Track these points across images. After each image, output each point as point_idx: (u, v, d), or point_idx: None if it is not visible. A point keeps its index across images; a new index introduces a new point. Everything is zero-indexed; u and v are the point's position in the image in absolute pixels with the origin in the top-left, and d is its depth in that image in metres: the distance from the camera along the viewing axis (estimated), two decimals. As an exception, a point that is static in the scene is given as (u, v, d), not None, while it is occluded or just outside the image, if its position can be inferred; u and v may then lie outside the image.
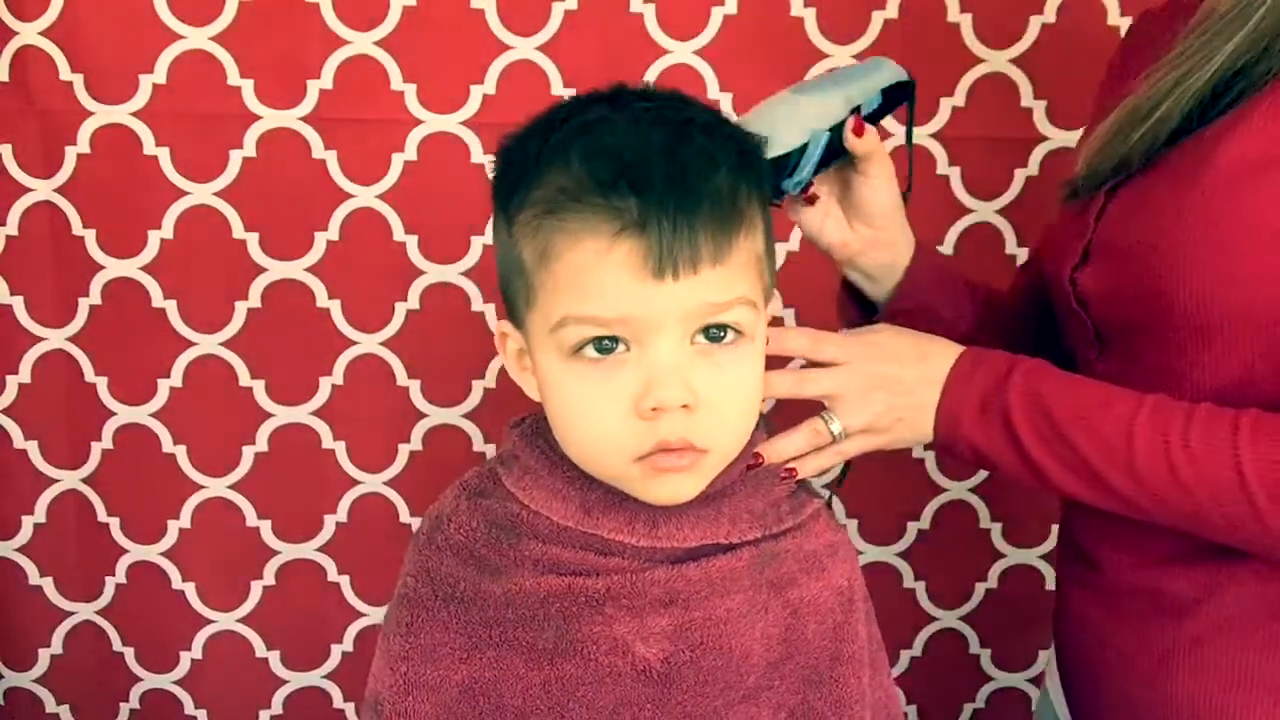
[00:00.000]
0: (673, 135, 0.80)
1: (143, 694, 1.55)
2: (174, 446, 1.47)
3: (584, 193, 0.77)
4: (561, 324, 0.79)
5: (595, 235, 0.77)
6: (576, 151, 0.79)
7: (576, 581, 0.85)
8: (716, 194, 0.79)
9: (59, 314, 1.43)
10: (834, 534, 0.94)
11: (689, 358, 0.80)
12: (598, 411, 0.81)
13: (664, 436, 0.80)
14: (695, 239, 0.77)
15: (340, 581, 1.52)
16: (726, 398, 0.82)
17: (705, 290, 0.78)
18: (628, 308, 0.77)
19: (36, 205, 1.40)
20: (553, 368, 0.82)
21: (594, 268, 0.77)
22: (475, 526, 0.88)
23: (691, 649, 0.86)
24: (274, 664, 1.55)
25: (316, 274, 1.42)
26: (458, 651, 0.86)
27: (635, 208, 0.76)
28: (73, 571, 1.51)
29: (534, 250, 0.80)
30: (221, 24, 1.35)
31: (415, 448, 1.47)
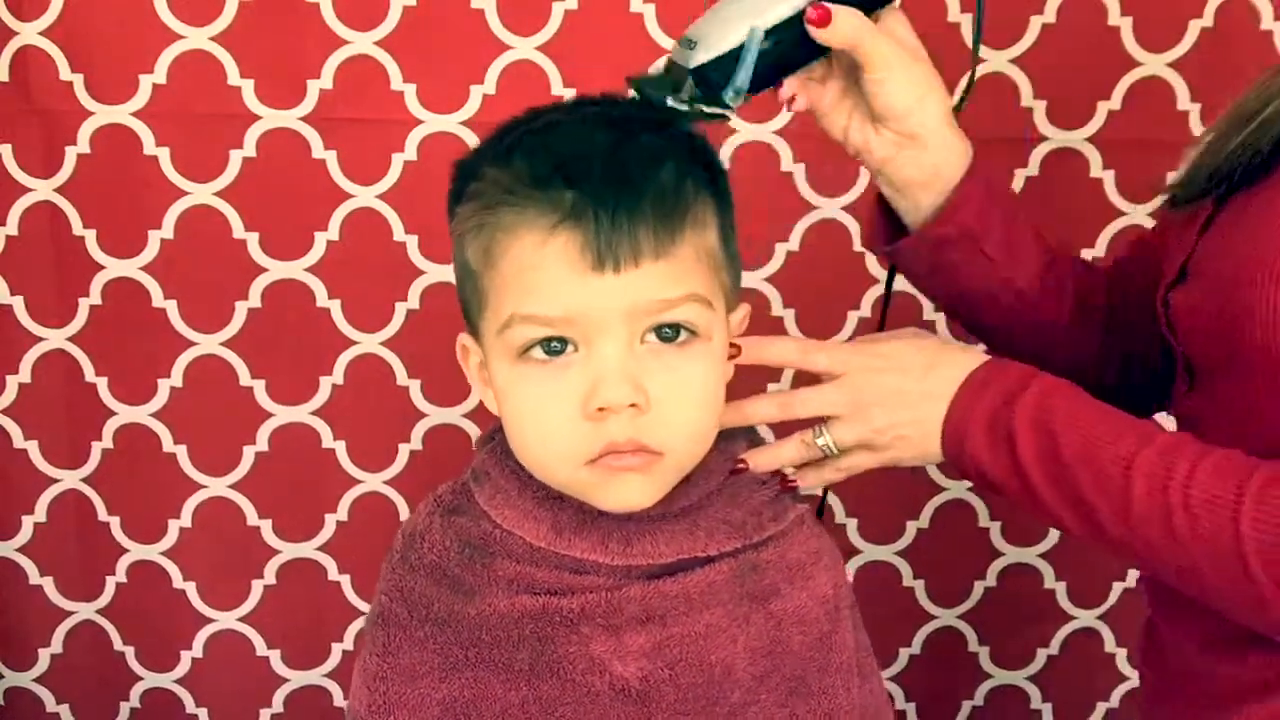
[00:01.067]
0: (617, 134, 0.79)
1: (143, 693, 1.55)
2: (174, 446, 1.47)
3: (520, 187, 0.77)
4: (508, 324, 0.78)
5: (532, 229, 0.76)
6: (518, 152, 0.79)
7: (551, 601, 0.84)
8: (659, 188, 0.77)
9: (59, 314, 1.43)
10: (818, 540, 0.92)
11: (639, 358, 0.78)
12: (545, 414, 0.80)
13: (612, 438, 0.79)
14: (635, 230, 0.76)
15: (341, 581, 1.52)
16: (679, 399, 0.80)
17: (650, 286, 0.77)
18: (570, 303, 0.77)
19: (36, 205, 1.40)
20: (503, 372, 0.81)
21: (534, 263, 0.77)
22: (448, 546, 0.87)
23: (670, 666, 0.84)
24: (275, 663, 1.55)
25: (317, 274, 1.42)
26: (436, 671, 0.85)
27: (571, 199, 0.75)
28: (73, 571, 1.51)
29: (478, 251, 0.80)
30: (221, 24, 1.35)
31: (415, 447, 1.47)
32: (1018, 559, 1.52)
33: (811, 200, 1.39)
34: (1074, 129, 1.38)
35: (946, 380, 0.88)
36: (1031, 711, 1.58)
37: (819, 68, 0.93)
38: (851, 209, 1.40)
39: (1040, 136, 1.38)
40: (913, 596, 1.52)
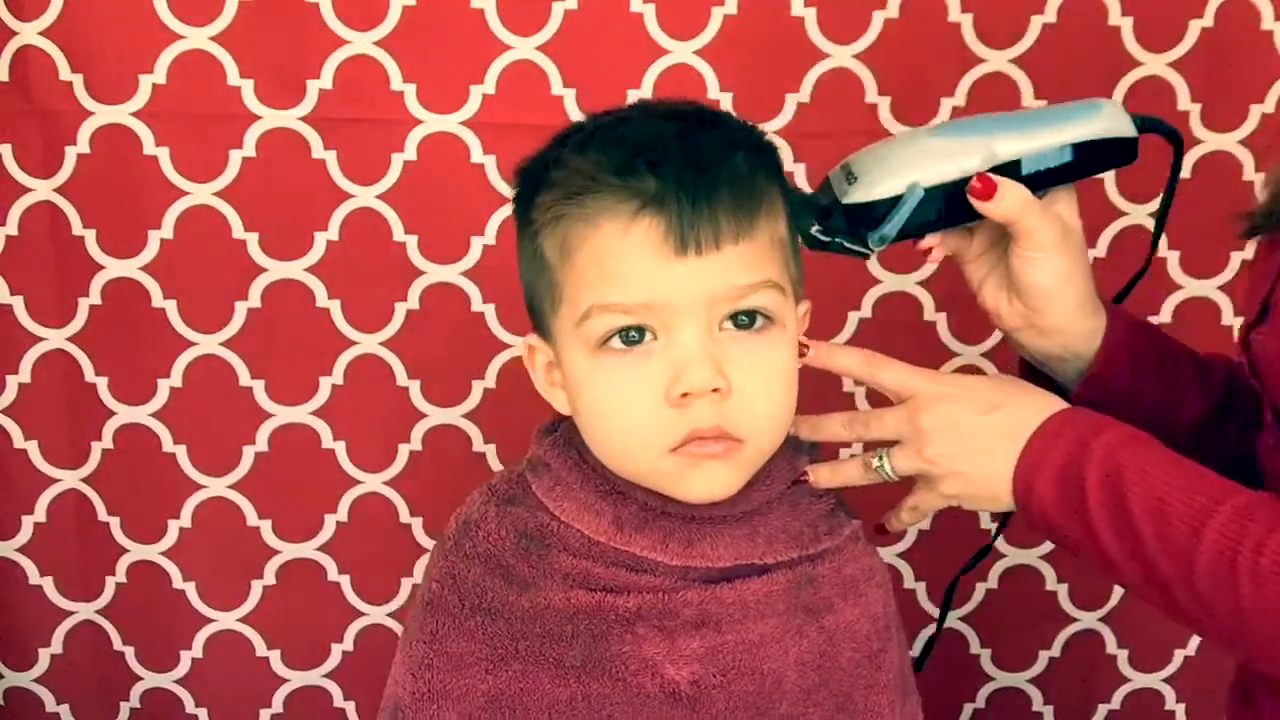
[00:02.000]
0: (688, 124, 0.81)
1: (143, 693, 1.55)
2: (174, 446, 1.47)
3: (601, 175, 0.78)
4: (587, 315, 0.79)
5: (614, 217, 0.77)
6: (593, 144, 0.80)
7: (607, 599, 0.84)
8: (734, 173, 0.79)
9: (59, 314, 1.43)
10: (871, 558, 0.93)
11: (718, 344, 0.79)
12: (627, 403, 0.80)
13: (696, 424, 0.79)
14: (715, 213, 0.77)
15: (340, 581, 1.52)
16: (760, 384, 0.81)
17: (729, 271, 0.78)
18: (652, 289, 0.77)
19: (36, 205, 1.39)
20: (580, 364, 0.81)
21: (615, 251, 0.77)
22: (504, 535, 0.87)
23: (722, 672, 0.84)
24: (274, 663, 1.55)
25: (316, 274, 1.42)
26: (483, 662, 0.85)
27: (653, 185, 0.76)
28: (73, 571, 1.51)
29: (555, 245, 0.80)
30: (221, 24, 1.35)
31: (415, 448, 1.47)
32: (1019, 560, 1.51)
33: (812, 198, 1.39)
34: (1074, 129, 1.37)
35: (1016, 423, 0.84)
36: (1033, 713, 1.58)
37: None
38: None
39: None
40: (914, 599, 1.52)
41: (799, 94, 1.36)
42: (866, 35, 1.35)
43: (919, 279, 1.41)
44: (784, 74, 1.37)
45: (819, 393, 1.32)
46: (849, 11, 1.35)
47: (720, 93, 1.36)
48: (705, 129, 0.81)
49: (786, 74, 1.37)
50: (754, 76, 1.36)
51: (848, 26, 1.35)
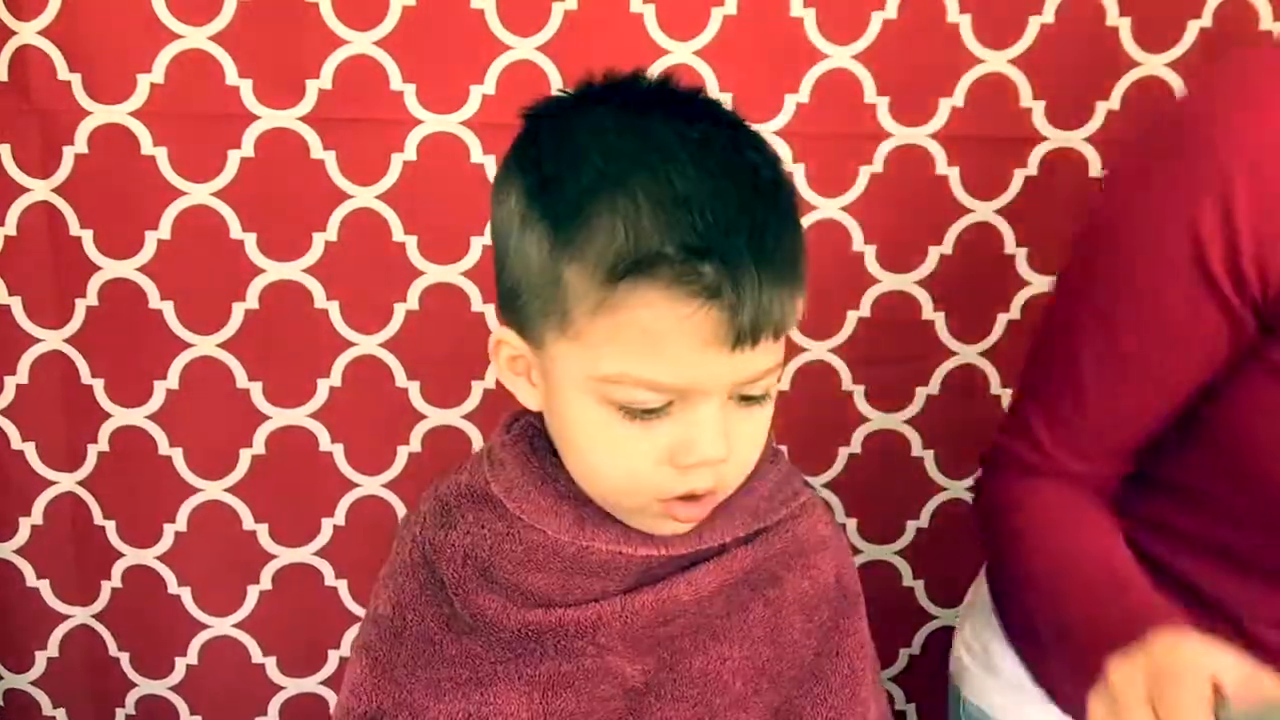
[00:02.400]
0: (747, 189, 0.76)
1: (138, 700, 1.54)
2: (170, 449, 1.46)
3: (665, 255, 0.73)
4: (617, 380, 0.77)
5: (674, 301, 0.74)
6: (645, 193, 0.74)
7: (568, 614, 0.85)
8: (788, 256, 0.77)
9: (56, 315, 1.42)
10: (825, 528, 0.93)
11: (726, 414, 0.80)
12: (629, 460, 0.80)
13: (694, 487, 0.81)
14: (772, 311, 0.76)
15: (338, 586, 1.51)
16: (749, 446, 0.83)
17: (763, 359, 0.78)
18: (694, 377, 0.76)
19: (34, 205, 1.39)
20: (584, 409, 0.80)
21: (666, 332, 0.75)
22: (463, 562, 0.87)
23: (672, 655, 0.86)
24: (270, 670, 1.54)
25: (315, 275, 1.41)
26: (462, 686, 0.86)
27: (722, 278, 0.73)
28: (69, 574, 1.50)
29: (594, 294, 0.75)
30: (220, 24, 1.34)
31: (414, 449, 1.46)
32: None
33: (812, 200, 1.39)
34: (1073, 129, 1.38)
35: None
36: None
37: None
38: (851, 209, 1.40)
39: (1040, 136, 1.38)
40: (913, 596, 1.52)
41: (798, 94, 1.37)
42: (865, 36, 1.36)
43: (918, 278, 1.41)
44: (783, 74, 1.37)
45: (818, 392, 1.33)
46: (848, 12, 1.36)
47: (720, 93, 1.37)
48: (760, 194, 0.77)
49: (786, 74, 1.37)
50: (753, 77, 1.36)
51: (847, 27, 1.36)
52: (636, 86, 0.82)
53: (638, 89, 0.82)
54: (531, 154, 0.81)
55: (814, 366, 1.43)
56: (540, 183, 0.79)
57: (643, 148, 0.76)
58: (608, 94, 0.82)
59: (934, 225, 1.41)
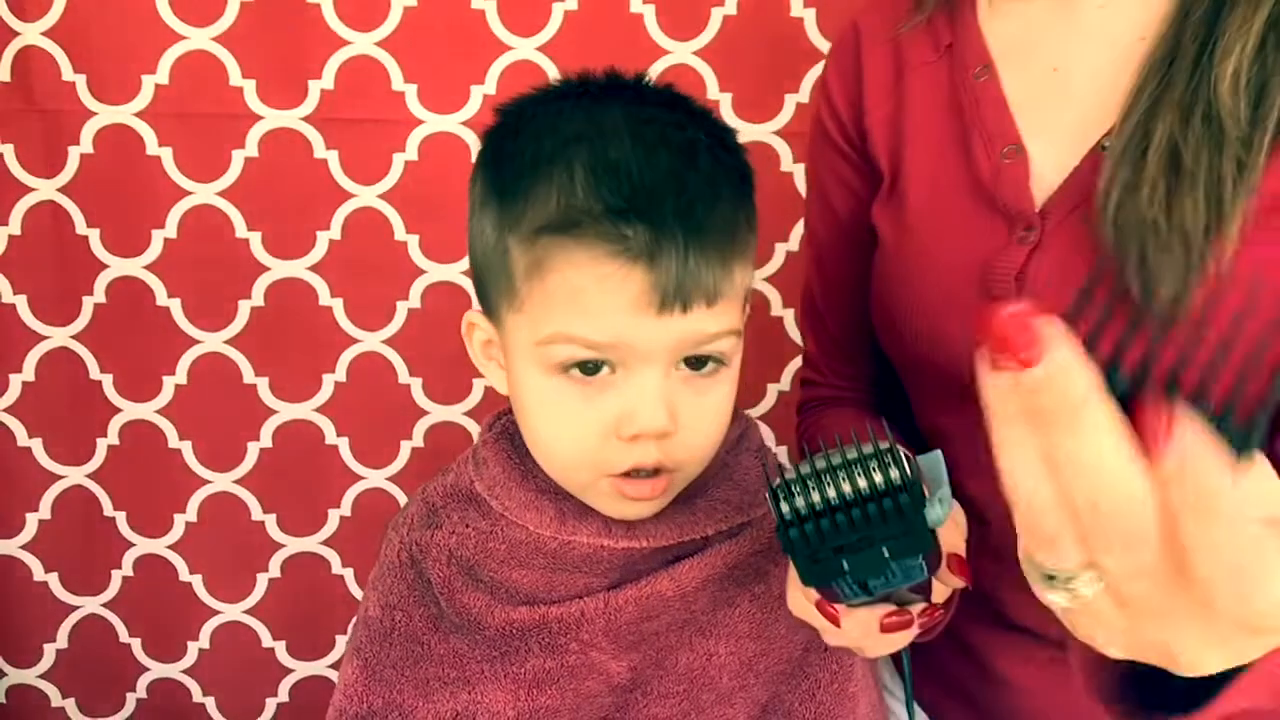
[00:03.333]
0: (680, 159, 0.78)
1: (150, 683, 1.57)
2: (179, 442, 1.48)
3: (590, 215, 0.75)
4: (550, 340, 0.78)
5: (598, 260, 0.75)
6: (580, 163, 0.77)
7: (551, 611, 0.85)
8: (721, 228, 0.78)
9: (63, 312, 1.44)
10: None
11: (671, 384, 0.79)
12: (575, 430, 0.80)
13: (639, 460, 0.79)
14: (699, 275, 0.75)
15: (344, 574, 1.53)
16: (702, 422, 0.81)
17: (700, 324, 0.77)
18: (622, 334, 0.76)
19: (40, 205, 1.40)
20: (533, 379, 0.81)
21: (593, 291, 0.76)
22: (449, 562, 0.88)
23: (657, 652, 0.86)
24: (280, 653, 1.57)
25: (319, 273, 1.43)
26: (449, 686, 0.87)
27: (643, 238, 0.74)
28: (78, 566, 1.53)
29: (528, 259, 0.78)
30: (223, 24, 1.35)
31: (417, 444, 1.48)
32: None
33: (811, 200, 1.39)
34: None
35: None
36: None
37: None
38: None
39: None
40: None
41: (798, 94, 1.37)
42: (866, 35, 1.35)
43: (917, 277, 1.42)
44: (783, 74, 1.37)
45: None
46: (848, 12, 1.32)
47: (720, 93, 1.37)
48: (695, 165, 0.79)
49: (785, 74, 1.37)
50: (753, 77, 1.36)
51: (847, 26, 1.35)
52: (605, 81, 0.84)
53: (605, 83, 0.84)
54: (492, 142, 0.85)
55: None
56: (495, 165, 0.82)
57: (587, 127, 0.79)
58: (576, 88, 0.84)
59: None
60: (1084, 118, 0.90)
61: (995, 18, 0.96)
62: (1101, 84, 0.90)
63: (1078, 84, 0.92)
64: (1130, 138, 0.84)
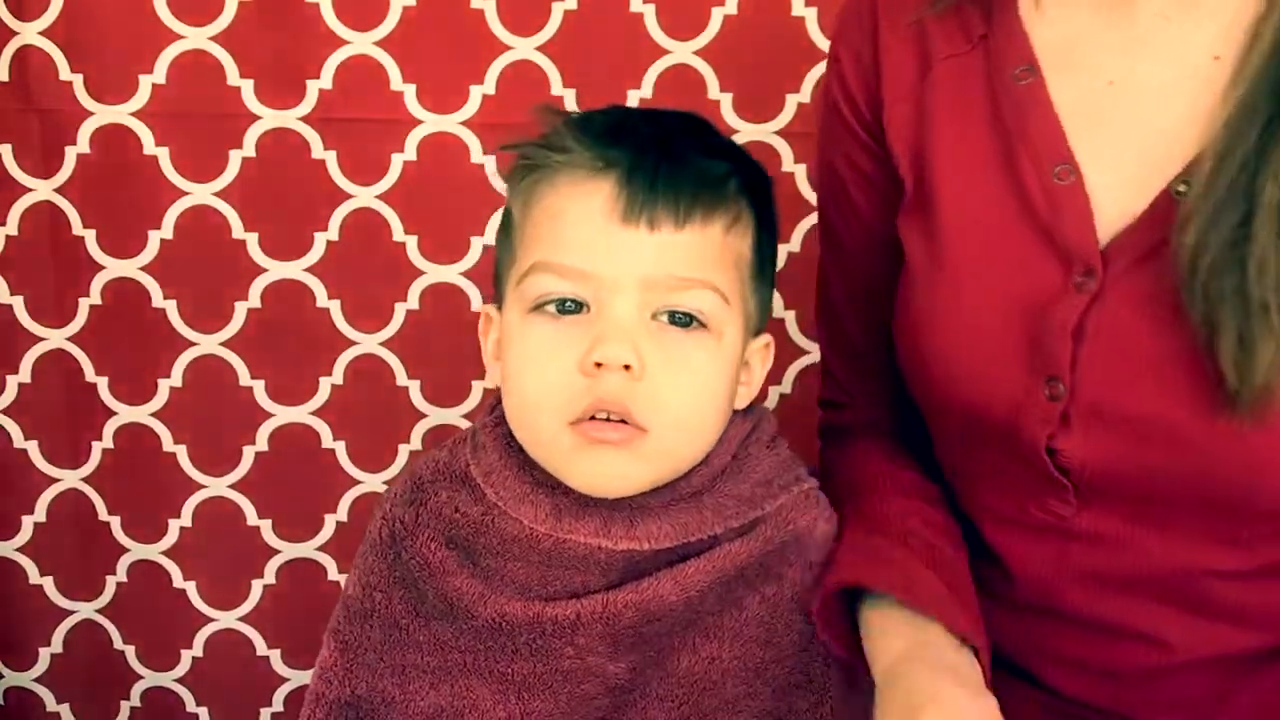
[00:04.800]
0: (682, 124, 0.85)
1: (144, 691, 1.55)
2: (174, 446, 1.47)
3: (572, 141, 0.81)
4: (529, 271, 0.80)
5: (572, 177, 0.80)
6: (582, 119, 0.84)
7: (546, 609, 0.82)
8: (705, 171, 0.81)
9: (59, 314, 1.43)
10: (828, 524, 0.88)
11: (646, 328, 0.79)
12: (544, 364, 0.80)
13: (601, 395, 0.78)
14: (671, 194, 0.78)
15: (340, 580, 1.51)
16: (674, 378, 0.80)
17: (671, 256, 0.78)
18: (592, 255, 0.78)
19: (36, 205, 1.40)
20: (514, 323, 0.82)
21: (566, 210, 0.80)
22: (437, 544, 0.86)
23: (659, 653, 0.83)
24: (275, 662, 1.55)
25: (316, 274, 1.42)
26: (429, 675, 0.85)
27: (617, 154, 0.79)
28: (73, 571, 1.51)
29: (520, 201, 0.83)
30: (221, 24, 1.35)
31: (415, 448, 1.47)
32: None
33: (812, 200, 1.38)
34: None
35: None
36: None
37: None
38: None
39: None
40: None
41: (799, 94, 1.36)
42: (867, 36, 1.35)
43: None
44: (784, 74, 1.36)
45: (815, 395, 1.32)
46: (849, 12, 1.35)
47: (720, 93, 1.36)
48: (697, 135, 0.84)
49: (786, 74, 1.36)
50: (754, 77, 1.36)
51: (848, 27, 1.35)
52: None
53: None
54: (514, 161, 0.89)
55: (815, 368, 1.43)
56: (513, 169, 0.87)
57: (607, 116, 0.86)
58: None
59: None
60: (1149, 145, 0.80)
61: (1039, 17, 0.85)
62: (1170, 107, 0.80)
63: (1139, 103, 0.81)
64: (1226, 189, 0.74)
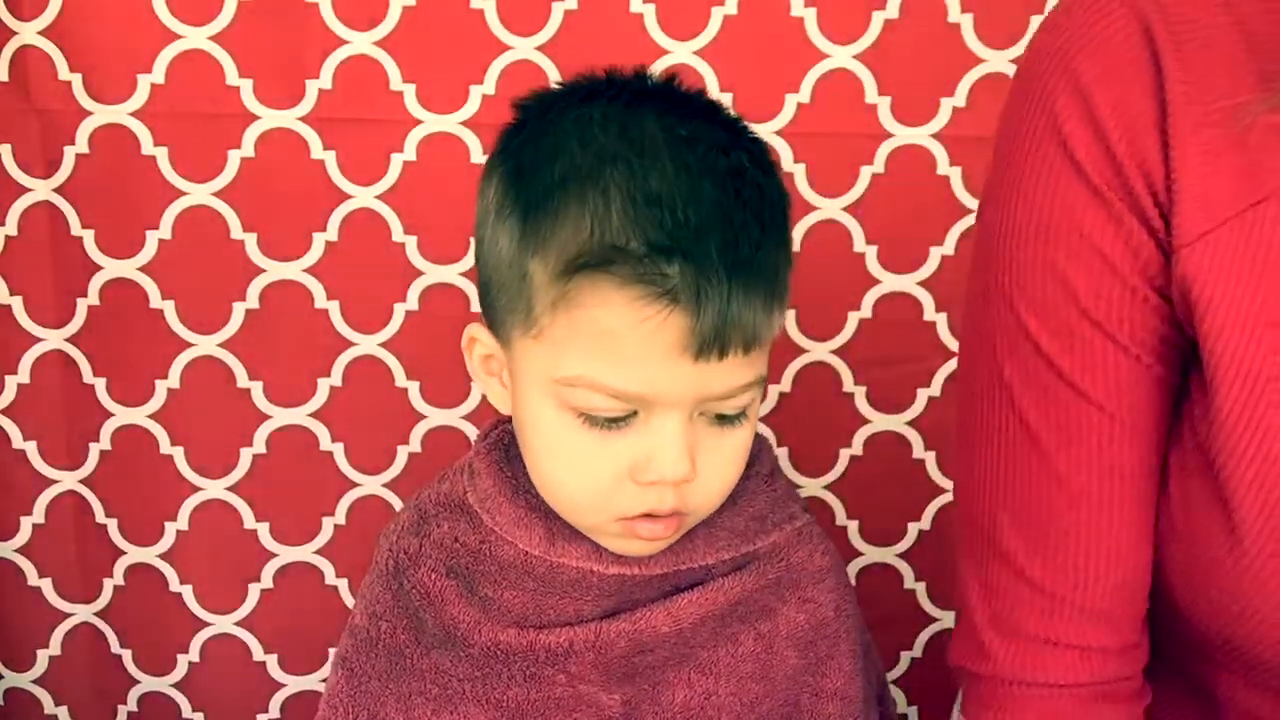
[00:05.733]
0: (726, 190, 0.73)
1: (140, 696, 1.55)
2: (172, 448, 1.46)
3: (629, 252, 0.70)
4: (573, 383, 0.74)
5: (635, 302, 0.71)
6: (618, 188, 0.72)
7: (540, 637, 0.82)
8: (765, 266, 0.73)
9: (57, 314, 1.42)
10: (825, 558, 0.89)
11: (694, 431, 0.76)
12: (590, 470, 0.77)
13: (656, 506, 0.77)
14: (741, 320, 0.71)
15: (339, 585, 1.51)
16: (721, 470, 0.79)
17: (732, 373, 0.74)
18: (653, 384, 0.72)
19: (35, 205, 1.39)
20: (546, 413, 0.77)
21: (628, 336, 0.71)
22: (437, 574, 0.86)
23: (653, 686, 0.83)
24: (271, 667, 1.54)
25: (315, 275, 1.41)
26: (431, 702, 0.85)
27: (686, 281, 0.70)
28: (71, 573, 1.50)
29: (555, 291, 0.73)
30: (220, 24, 1.35)
31: (414, 449, 1.46)
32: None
33: (812, 201, 1.38)
34: (1075, 129, 1.37)
35: None
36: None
37: None
38: (853, 209, 1.39)
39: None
40: (914, 599, 1.51)
41: (799, 94, 1.36)
42: (866, 36, 1.35)
43: (920, 279, 1.41)
44: (784, 74, 1.36)
45: (819, 393, 1.33)
46: (849, 12, 1.35)
47: (720, 93, 1.36)
48: (742, 195, 0.73)
49: (787, 74, 1.36)
50: (754, 77, 1.36)
51: (848, 27, 1.35)
52: (635, 83, 0.80)
53: (635, 85, 0.80)
54: (514, 144, 0.80)
55: (815, 368, 1.43)
56: (516, 172, 0.77)
57: (623, 142, 0.74)
58: (603, 88, 0.80)
59: (936, 225, 1.40)
60: None
61: None
62: None
63: None
64: None
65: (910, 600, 1.52)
